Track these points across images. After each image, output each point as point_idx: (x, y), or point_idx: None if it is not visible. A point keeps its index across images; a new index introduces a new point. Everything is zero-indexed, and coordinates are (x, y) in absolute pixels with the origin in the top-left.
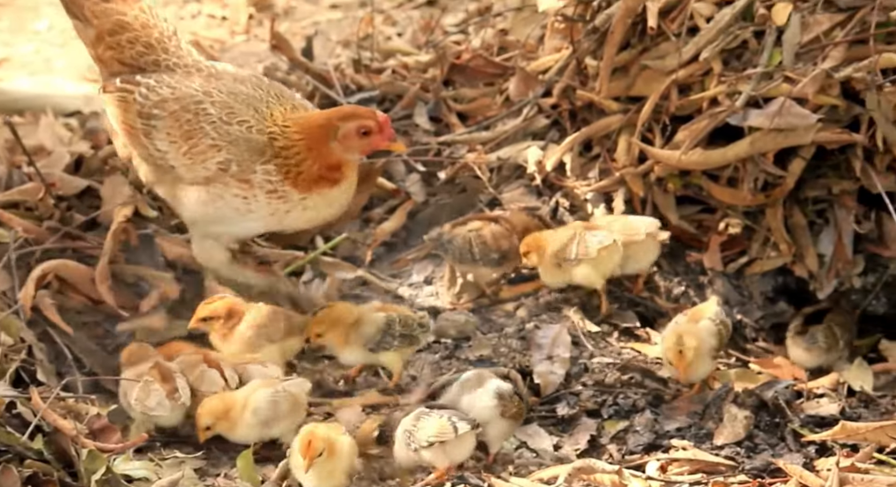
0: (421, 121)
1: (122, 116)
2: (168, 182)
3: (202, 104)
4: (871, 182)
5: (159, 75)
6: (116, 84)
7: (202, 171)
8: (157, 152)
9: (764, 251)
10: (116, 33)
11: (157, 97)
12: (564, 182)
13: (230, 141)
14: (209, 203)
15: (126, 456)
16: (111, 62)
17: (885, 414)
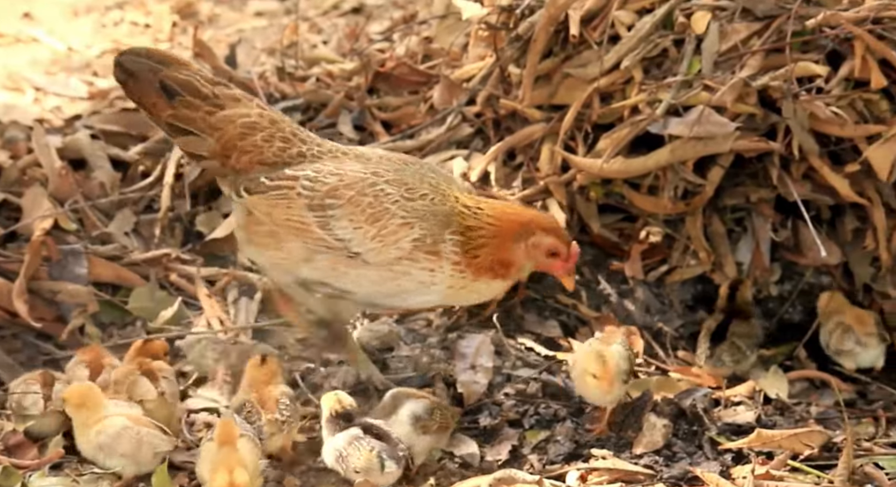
0: (345, 129)
1: (284, 214)
2: (342, 269)
3: (377, 185)
4: (787, 190)
5: (310, 165)
6: (266, 182)
7: (394, 252)
8: (338, 242)
9: (684, 259)
10: (248, 135)
11: (325, 187)
12: (489, 191)
13: (420, 216)
14: (391, 280)
15: (42, 473)
16: (250, 166)
17: (799, 422)
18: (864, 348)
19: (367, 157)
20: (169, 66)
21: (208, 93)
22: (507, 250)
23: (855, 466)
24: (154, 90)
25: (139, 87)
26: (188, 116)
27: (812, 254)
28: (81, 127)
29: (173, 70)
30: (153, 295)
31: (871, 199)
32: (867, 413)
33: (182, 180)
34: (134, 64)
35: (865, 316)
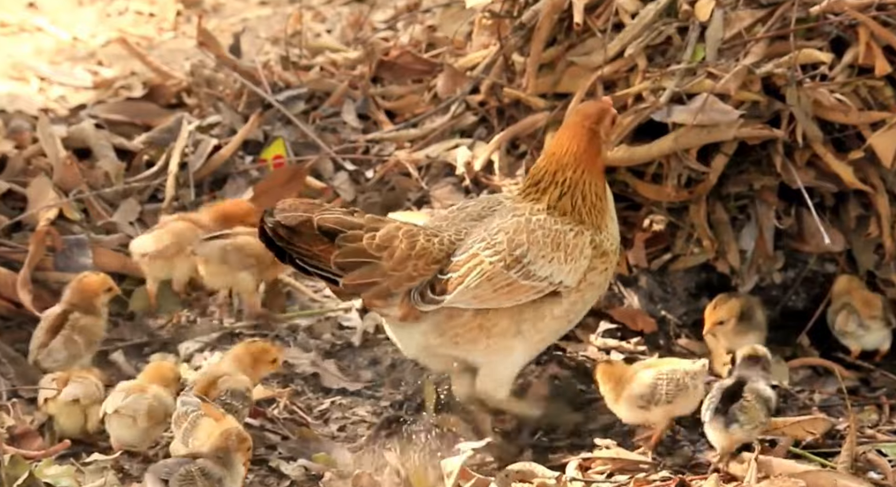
0: (349, 118)
1: (491, 287)
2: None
3: (531, 221)
4: (791, 177)
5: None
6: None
7: (584, 263)
8: (543, 282)
9: (687, 247)
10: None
11: (503, 246)
12: (492, 180)
13: (578, 221)
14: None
15: (48, 462)
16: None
17: (802, 409)
18: (867, 331)
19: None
20: (314, 211)
21: (358, 221)
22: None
23: (858, 453)
24: (317, 238)
25: (305, 241)
26: (356, 249)
27: (815, 242)
28: (86, 116)
29: (320, 212)
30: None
31: (874, 186)
32: (870, 401)
33: (186, 169)
34: (291, 220)
35: (873, 299)
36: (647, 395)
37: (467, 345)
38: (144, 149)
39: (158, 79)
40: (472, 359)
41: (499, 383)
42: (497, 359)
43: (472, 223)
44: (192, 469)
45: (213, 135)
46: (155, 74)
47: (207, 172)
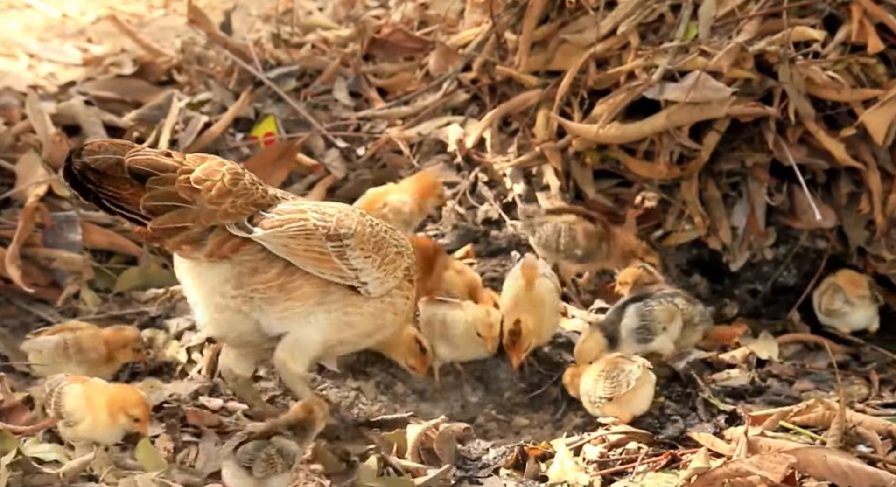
0: (340, 96)
1: (305, 245)
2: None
3: (365, 216)
4: (783, 154)
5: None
6: (275, 218)
7: (391, 281)
8: (352, 271)
9: (679, 224)
10: (238, 181)
11: (331, 219)
12: (484, 157)
13: (405, 246)
14: (381, 315)
15: (36, 439)
16: (245, 208)
17: (792, 384)
18: (854, 308)
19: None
20: (125, 153)
21: (174, 163)
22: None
23: (847, 427)
24: (127, 181)
25: (114, 185)
26: (168, 192)
27: (807, 218)
28: (76, 93)
29: (132, 154)
30: (143, 274)
31: (866, 163)
32: (860, 375)
33: (177, 146)
34: (100, 163)
35: (858, 278)
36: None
37: (263, 304)
38: (134, 126)
39: (149, 56)
40: (266, 323)
41: (297, 355)
42: (295, 328)
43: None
44: (271, 452)
45: (204, 112)
46: (145, 51)
47: (198, 149)
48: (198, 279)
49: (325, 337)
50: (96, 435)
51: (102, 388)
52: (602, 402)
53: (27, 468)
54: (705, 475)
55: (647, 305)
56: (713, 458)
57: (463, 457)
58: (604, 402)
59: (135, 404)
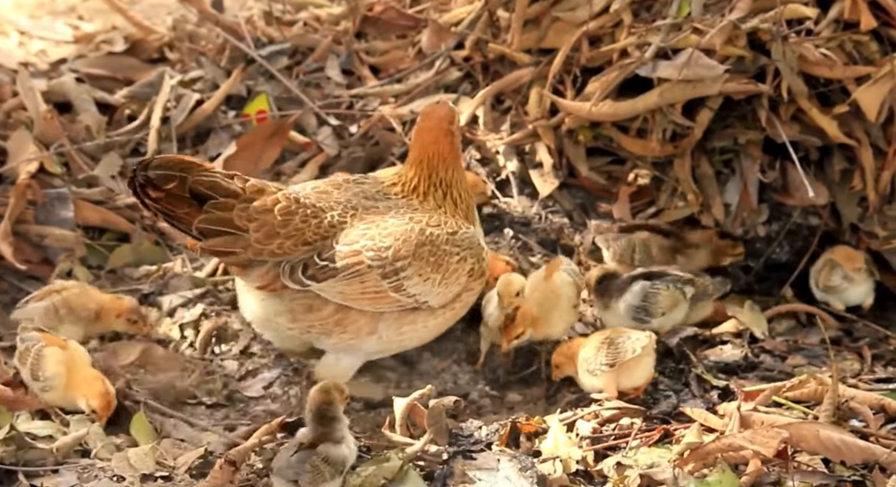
0: (333, 73)
1: (360, 289)
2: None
3: (425, 232)
4: (776, 132)
5: (354, 233)
6: (331, 265)
7: (455, 288)
8: (410, 298)
9: (672, 201)
10: (288, 222)
11: (388, 251)
12: (476, 135)
13: (466, 246)
14: (453, 317)
15: (28, 415)
16: (293, 249)
17: (785, 359)
18: (851, 283)
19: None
20: (191, 172)
21: (236, 188)
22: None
23: (840, 402)
24: (185, 200)
25: (170, 202)
26: (222, 218)
27: (800, 195)
28: (67, 70)
29: (197, 174)
30: (135, 251)
31: (859, 140)
32: (852, 351)
33: (169, 124)
34: (162, 179)
35: (854, 253)
36: (590, 360)
37: (319, 336)
38: (126, 103)
39: (140, 33)
40: (320, 345)
41: (337, 374)
42: (344, 353)
43: (364, 202)
44: (317, 461)
45: (196, 89)
46: (136, 29)
47: (190, 127)
48: (255, 305)
49: (368, 357)
50: (66, 403)
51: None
52: (603, 369)
53: (20, 443)
54: (698, 450)
55: (654, 287)
56: (706, 433)
57: (456, 434)
58: (605, 369)
59: (95, 395)
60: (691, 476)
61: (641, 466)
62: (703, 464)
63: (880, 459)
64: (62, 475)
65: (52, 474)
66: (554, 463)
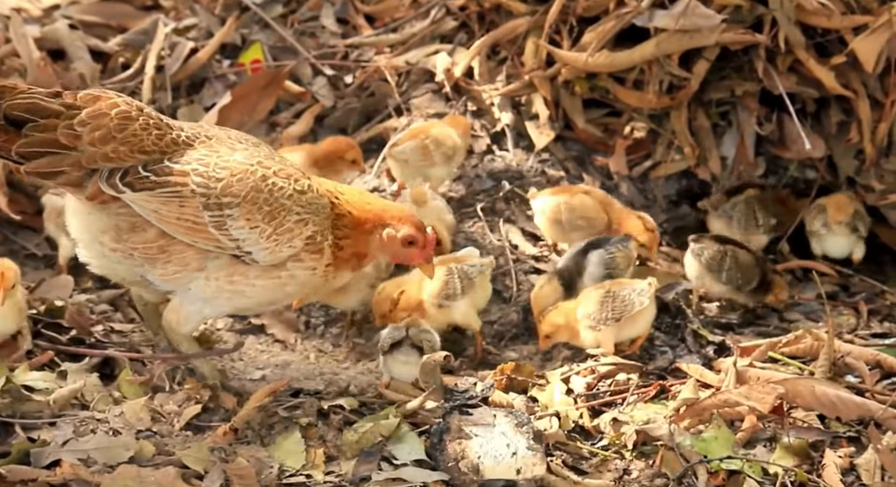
0: (328, 22)
1: (177, 213)
2: (237, 278)
3: (268, 179)
4: (773, 83)
5: (191, 155)
6: (153, 178)
7: (286, 251)
8: (231, 242)
9: (668, 154)
10: (126, 126)
11: (218, 183)
12: (472, 86)
13: (312, 211)
14: (279, 287)
15: (24, 367)
16: (129, 155)
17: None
18: (830, 232)
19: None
20: (4, 96)
21: (59, 107)
22: (364, 242)
23: (836, 357)
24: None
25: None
26: (44, 139)
27: (797, 148)
28: (60, 17)
29: (11, 98)
30: None
31: (856, 92)
32: (849, 306)
33: (163, 72)
34: None
35: (846, 204)
36: (592, 315)
37: (143, 263)
38: (120, 51)
39: None
40: (151, 279)
41: (182, 319)
42: (179, 291)
43: (228, 140)
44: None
45: (190, 38)
46: None
47: (184, 76)
48: (80, 221)
49: (211, 304)
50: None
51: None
52: (608, 325)
53: (17, 395)
54: (694, 405)
55: (608, 252)
56: (702, 389)
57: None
58: (610, 324)
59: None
60: (687, 432)
61: (637, 422)
62: (699, 420)
63: (876, 415)
64: (59, 428)
65: (50, 427)
66: (550, 420)
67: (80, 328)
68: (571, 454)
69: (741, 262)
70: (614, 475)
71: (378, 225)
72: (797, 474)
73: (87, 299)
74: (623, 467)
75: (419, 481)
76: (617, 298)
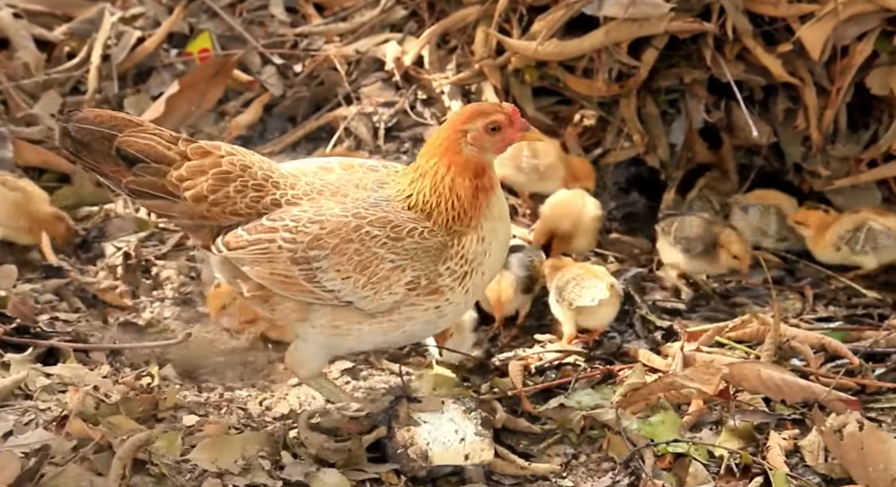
0: (277, 11)
1: (269, 269)
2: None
3: (361, 228)
4: (720, 71)
5: (286, 213)
6: (244, 237)
7: (388, 298)
8: (327, 293)
9: (618, 142)
10: (220, 188)
11: (306, 236)
12: (422, 75)
13: (411, 257)
14: (395, 329)
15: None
16: (221, 216)
17: (728, 300)
18: None
19: (344, 192)
20: (123, 130)
21: (174, 155)
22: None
23: (781, 341)
24: (112, 159)
25: (94, 158)
26: (153, 182)
27: (744, 135)
28: (4, 5)
29: (129, 134)
30: (77, 193)
31: (802, 79)
32: (795, 290)
33: (109, 61)
34: (84, 134)
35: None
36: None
37: (255, 303)
38: (65, 40)
39: None
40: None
41: (298, 362)
42: (302, 340)
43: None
44: None
45: (137, 27)
46: None
47: (131, 65)
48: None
49: (325, 348)
50: None
51: None
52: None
53: None
54: (641, 389)
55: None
56: (649, 373)
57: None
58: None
59: None
60: (634, 417)
61: (585, 407)
62: (646, 404)
63: (820, 397)
64: (2, 418)
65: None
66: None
67: (23, 317)
68: (519, 439)
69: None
70: (562, 459)
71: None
72: (742, 456)
73: (31, 289)
74: (570, 452)
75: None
76: (578, 286)
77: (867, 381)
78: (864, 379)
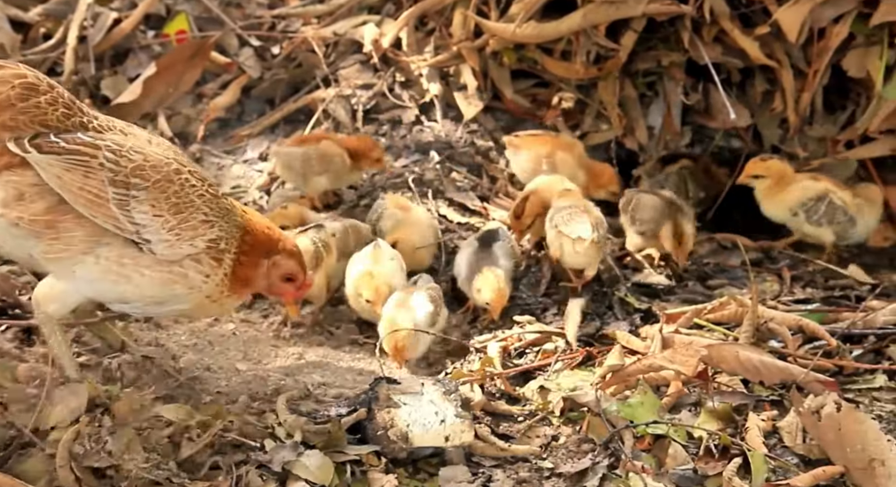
0: None
1: (81, 182)
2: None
3: (182, 174)
4: (698, 53)
5: (108, 136)
6: (62, 143)
7: (185, 248)
8: (132, 225)
9: (596, 124)
10: (29, 97)
11: (130, 163)
12: (400, 57)
13: (221, 216)
14: (169, 283)
15: None
16: (27, 126)
17: (706, 282)
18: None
19: (157, 141)
20: None
21: None
22: (255, 266)
23: (759, 323)
24: None
25: None
26: None
27: (722, 117)
28: None
29: None
30: None
31: (780, 61)
32: (772, 272)
33: (86, 43)
34: None
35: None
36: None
37: (28, 236)
38: (41, 21)
39: None
40: (35, 255)
41: (51, 297)
42: (58, 270)
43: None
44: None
45: (113, 8)
46: None
47: (108, 46)
48: None
49: (93, 285)
50: None
51: None
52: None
53: None
54: (620, 371)
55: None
56: (628, 355)
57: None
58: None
59: None
60: (613, 398)
61: (564, 389)
62: (625, 386)
63: (798, 379)
64: None
65: None
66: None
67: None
68: (499, 421)
69: (643, 203)
70: (542, 441)
71: (271, 252)
72: (721, 437)
73: (9, 270)
74: (550, 433)
75: (352, 454)
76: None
77: (845, 362)
78: (842, 360)
